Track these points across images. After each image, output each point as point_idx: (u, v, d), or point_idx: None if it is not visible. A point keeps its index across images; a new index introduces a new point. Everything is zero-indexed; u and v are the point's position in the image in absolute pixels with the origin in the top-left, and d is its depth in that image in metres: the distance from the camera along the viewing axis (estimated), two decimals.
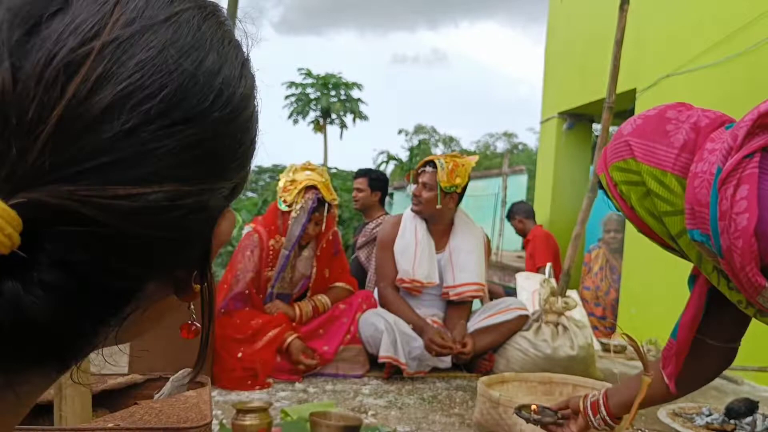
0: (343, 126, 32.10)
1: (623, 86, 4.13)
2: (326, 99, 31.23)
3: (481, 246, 3.30)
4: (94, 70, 0.33)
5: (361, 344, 2.99)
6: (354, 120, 32.00)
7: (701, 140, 1.26)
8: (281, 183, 3.06)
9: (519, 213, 5.59)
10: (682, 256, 1.41)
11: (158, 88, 0.34)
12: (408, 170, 3.46)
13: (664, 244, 1.41)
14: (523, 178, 10.40)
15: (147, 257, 0.36)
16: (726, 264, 1.18)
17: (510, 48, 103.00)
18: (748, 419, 2.22)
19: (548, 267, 3.72)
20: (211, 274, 0.43)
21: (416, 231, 3.22)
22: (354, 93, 32.23)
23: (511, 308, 3.13)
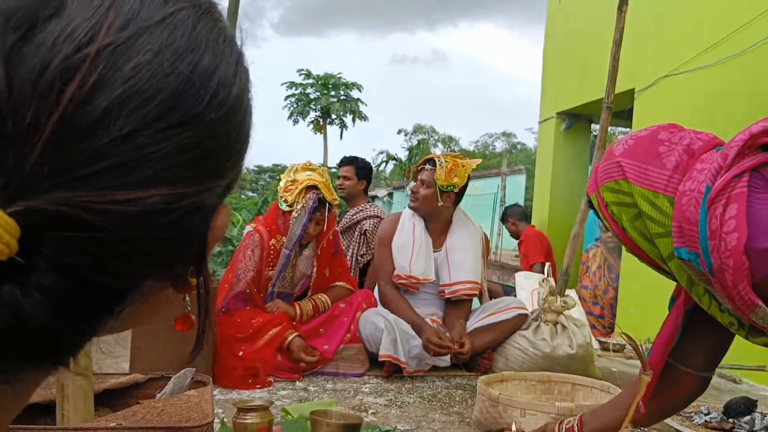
0: (343, 126, 32.10)
1: (621, 86, 4.14)
2: (326, 99, 31.22)
3: (479, 245, 3.31)
4: (90, 76, 0.32)
5: (361, 343, 3.00)
6: (354, 120, 31.99)
7: (694, 163, 1.26)
8: (282, 183, 3.07)
9: (512, 216, 5.79)
10: (674, 279, 1.40)
11: (155, 92, 0.34)
12: (408, 170, 3.47)
13: (656, 266, 1.40)
14: (522, 178, 10.43)
15: (145, 258, 0.36)
16: (718, 283, 1.18)
17: (509, 49, 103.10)
18: (747, 418, 2.23)
19: (547, 266, 3.73)
20: (207, 268, 0.44)
21: (414, 228, 3.23)
22: (354, 93, 32.25)
23: (510, 307, 3.14)
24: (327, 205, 3.00)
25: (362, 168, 4.22)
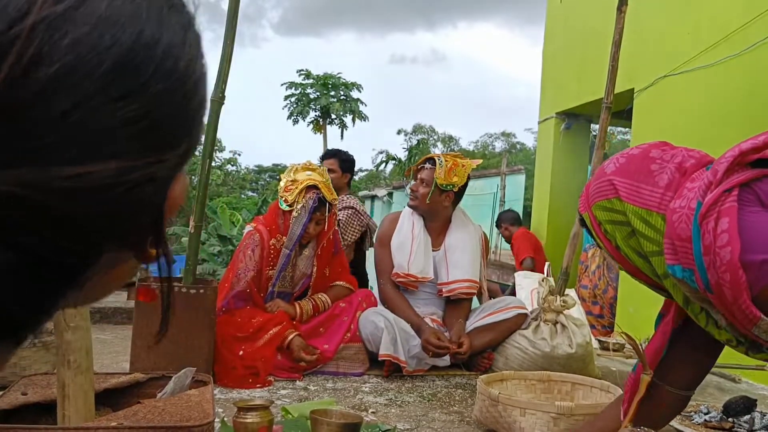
0: (343, 126, 32.09)
1: (621, 86, 4.14)
2: (326, 99, 31.21)
3: (477, 244, 3.32)
4: (26, 51, 0.31)
5: (361, 342, 3.00)
6: (353, 120, 31.99)
7: (685, 181, 1.27)
8: (282, 183, 3.08)
9: (505, 221, 6.15)
10: (669, 297, 1.40)
11: (95, 65, 0.33)
12: (408, 169, 3.48)
13: (651, 283, 1.40)
14: (521, 178, 10.42)
15: (98, 232, 0.36)
16: (717, 299, 1.18)
17: (508, 49, 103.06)
18: (746, 417, 2.23)
19: (546, 266, 3.73)
20: (166, 237, 0.43)
21: (413, 227, 3.24)
22: (353, 93, 32.24)
23: (510, 307, 3.14)
24: (327, 205, 3.01)
25: (345, 161, 4.24)
